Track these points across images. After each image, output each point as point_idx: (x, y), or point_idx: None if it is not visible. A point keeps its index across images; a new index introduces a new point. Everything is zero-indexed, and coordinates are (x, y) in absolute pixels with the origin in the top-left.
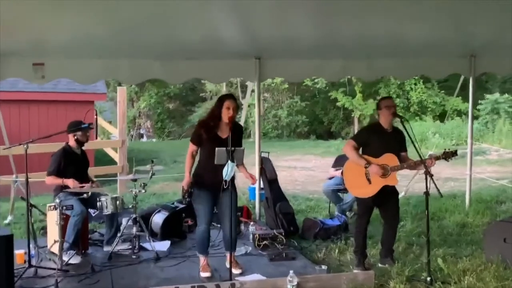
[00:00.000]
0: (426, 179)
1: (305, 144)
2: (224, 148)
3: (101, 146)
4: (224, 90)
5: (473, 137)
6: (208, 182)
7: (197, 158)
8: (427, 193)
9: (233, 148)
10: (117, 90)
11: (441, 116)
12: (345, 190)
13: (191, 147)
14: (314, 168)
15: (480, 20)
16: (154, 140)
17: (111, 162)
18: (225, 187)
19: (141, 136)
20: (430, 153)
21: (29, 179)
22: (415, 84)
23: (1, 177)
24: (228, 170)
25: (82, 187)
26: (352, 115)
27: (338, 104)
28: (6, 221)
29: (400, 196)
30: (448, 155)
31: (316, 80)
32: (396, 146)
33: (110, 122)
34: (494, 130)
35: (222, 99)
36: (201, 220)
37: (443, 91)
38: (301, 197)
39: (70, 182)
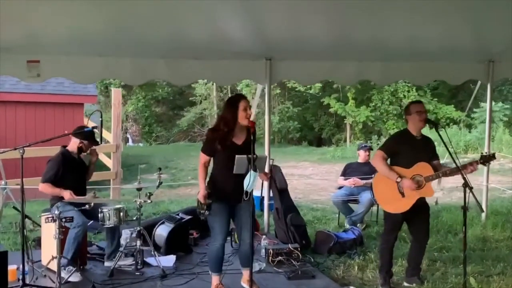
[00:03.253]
0: (464, 191)
1: (298, 150)
2: (245, 156)
3: None
4: (214, 94)
5: (472, 146)
6: (225, 194)
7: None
8: (465, 208)
9: (255, 156)
10: (108, 92)
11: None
12: (355, 201)
13: (203, 158)
14: (312, 176)
15: (500, 25)
16: (141, 144)
17: (104, 168)
18: (245, 198)
19: (127, 140)
20: (445, 161)
21: (18, 186)
22: (408, 91)
23: None
24: (250, 181)
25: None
26: (345, 122)
27: (331, 110)
28: None
29: None
30: (487, 159)
31: (309, 85)
32: (427, 154)
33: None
34: (493, 139)
35: (235, 101)
36: (217, 237)
37: (435, 99)
38: (305, 207)
39: (67, 195)
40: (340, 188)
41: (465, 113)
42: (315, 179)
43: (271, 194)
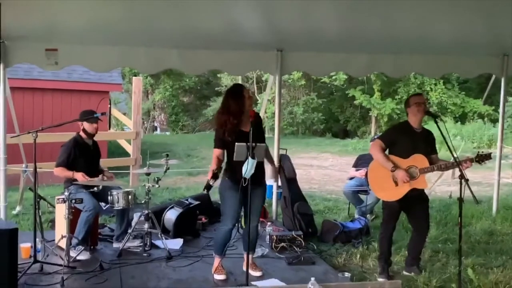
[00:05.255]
0: (460, 183)
1: (321, 142)
2: (244, 144)
3: (114, 137)
4: None
5: (495, 141)
6: (237, 181)
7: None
8: (461, 200)
9: (254, 144)
10: (132, 81)
11: (461, 118)
12: (366, 192)
13: (217, 152)
14: (331, 167)
15: None
16: (167, 133)
17: (125, 154)
18: (244, 184)
19: (155, 128)
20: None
21: (40, 169)
22: (435, 84)
23: (10, 166)
24: (248, 167)
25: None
26: (370, 114)
27: (356, 102)
28: (15, 212)
29: None
30: (482, 159)
31: (334, 77)
32: (425, 147)
33: (124, 114)
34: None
35: (239, 91)
36: (227, 221)
37: (463, 93)
38: (319, 197)
39: (80, 176)
40: (351, 179)
41: (492, 107)
42: (332, 170)
43: (280, 183)
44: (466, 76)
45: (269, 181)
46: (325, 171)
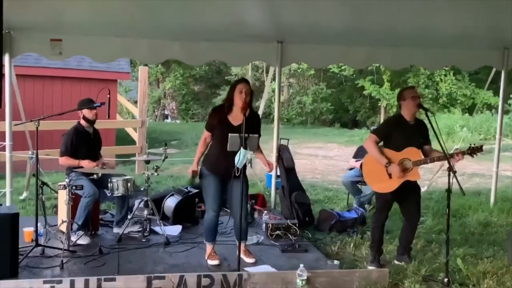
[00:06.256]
0: (448, 175)
1: (328, 132)
2: (237, 134)
3: (120, 125)
4: (250, 74)
5: (502, 133)
6: (218, 168)
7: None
8: (448, 191)
9: (246, 135)
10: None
11: (471, 109)
12: (364, 182)
13: (204, 134)
14: (336, 157)
15: None
16: (178, 121)
17: (133, 142)
18: (237, 174)
19: (166, 117)
20: (456, 147)
21: (47, 156)
22: (445, 75)
23: (16, 153)
24: (240, 157)
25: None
26: (379, 104)
27: (365, 92)
28: (22, 197)
29: (422, 190)
30: (474, 151)
31: (343, 67)
32: (419, 139)
33: (136, 102)
34: None
35: (234, 84)
36: (209, 207)
37: (473, 84)
38: (320, 187)
39: (86, 163)
40: (351, 169)
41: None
42: (337, 160)
43: (279, 173)
44: (466, 69)
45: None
46: (330, 161)
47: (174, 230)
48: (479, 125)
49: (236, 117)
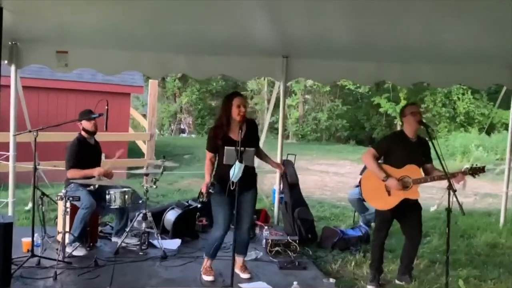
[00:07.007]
0: (448, 194)
1: (343, 149)
2: (233, 148)
3: (130, 138)
4: (265, 89)
5: None
6: (227, 186)
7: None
8: (448, 210)
9: (243, 149)
10: (164, 84)
11: (489, 129)
12: None
13: (208, 155)
14: (347, 174)
15: None
16: (193, 135)
17: (141, 155)
18: (232, 188)
19: (182, 131)
20: (466, 166)
21: (56, 167)
22: (463, 94)
23: (20, 164)
24: (235, 171)
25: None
26: (395, 122)
27: (381, 110)
28: (27, 208)
29: (432, 210)
30: (475, 171)
31: (358, 84)
32: (420, 157)
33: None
34: None
35: (230, 98)
36: (219, 226)
37: (491, 103)
38: (328, 204)
39: (96, 172)
40: (357, 186)
41: None
42: (347, 178)
43: (282, 188)
44: (477, 87)
45: (275, 185)
46: (341, 178)
47: (173, 244)
48: (495, 145)
49: (235, 131)
